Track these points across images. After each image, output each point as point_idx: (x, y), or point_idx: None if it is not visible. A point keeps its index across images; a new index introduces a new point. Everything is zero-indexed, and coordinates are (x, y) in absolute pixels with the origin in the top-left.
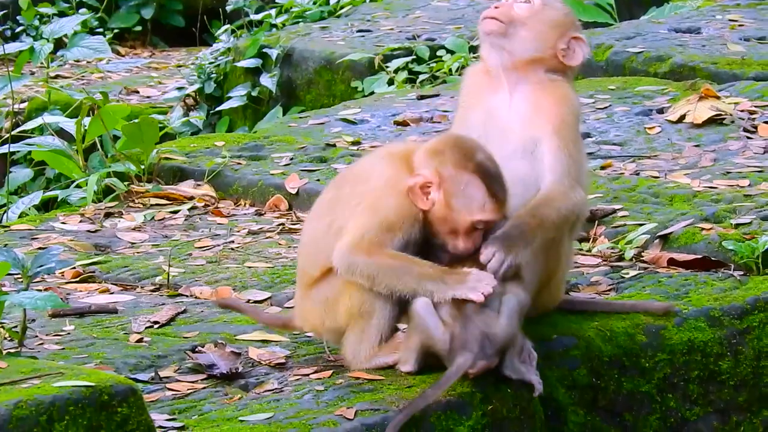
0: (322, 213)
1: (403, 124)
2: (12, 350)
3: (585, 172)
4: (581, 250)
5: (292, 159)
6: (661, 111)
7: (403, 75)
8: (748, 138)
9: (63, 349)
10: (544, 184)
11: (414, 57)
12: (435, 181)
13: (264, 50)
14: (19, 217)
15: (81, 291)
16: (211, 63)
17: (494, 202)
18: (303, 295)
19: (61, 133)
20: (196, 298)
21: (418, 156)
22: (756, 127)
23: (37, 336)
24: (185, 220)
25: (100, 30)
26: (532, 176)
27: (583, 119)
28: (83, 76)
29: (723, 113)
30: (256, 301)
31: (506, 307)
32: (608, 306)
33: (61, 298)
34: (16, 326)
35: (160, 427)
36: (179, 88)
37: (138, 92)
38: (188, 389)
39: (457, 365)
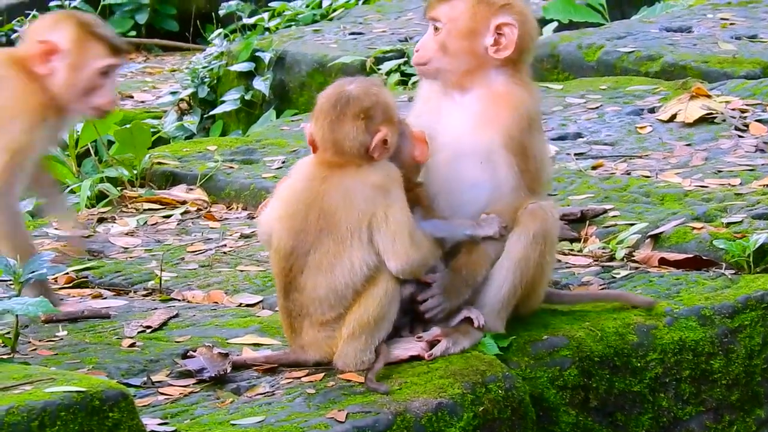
0: (330, 265)
1: None
2: (4, 356)
3: (545, 176)
4: (572, 250)
5: (284, 162)
6: (652, 110)
7: (395, 77)
8: (740, 137)
9: (56, 354)
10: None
11: (406, 59)
12: None
13: (257, 54)
14: None
15: (74, 296)
16: (204, 67)
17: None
18: (317, 330)
19: None
20: (188, 302)
21: None
22: (747, 126)
23: (30, 342)
24: (178, 224)
25: None
26: (484, 183)
27: (574, 119)
28: None
29: (714, 112)
30: (248, 305)
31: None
32: (595, 296)
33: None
34: (8, 332)
35: (152, 431)
36: (173, 93)
37: (132, 97)
38: (180, 393)
39: None
